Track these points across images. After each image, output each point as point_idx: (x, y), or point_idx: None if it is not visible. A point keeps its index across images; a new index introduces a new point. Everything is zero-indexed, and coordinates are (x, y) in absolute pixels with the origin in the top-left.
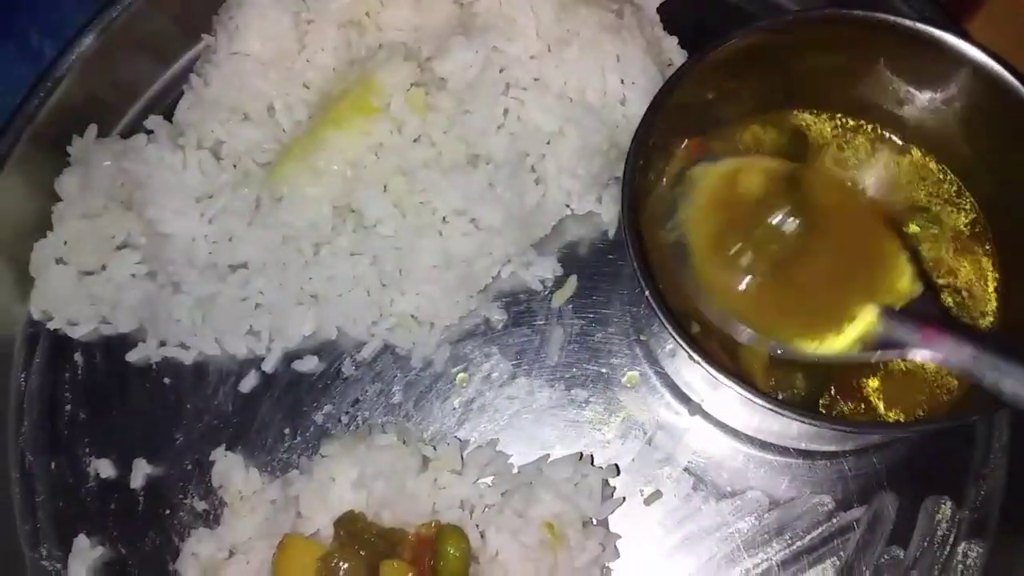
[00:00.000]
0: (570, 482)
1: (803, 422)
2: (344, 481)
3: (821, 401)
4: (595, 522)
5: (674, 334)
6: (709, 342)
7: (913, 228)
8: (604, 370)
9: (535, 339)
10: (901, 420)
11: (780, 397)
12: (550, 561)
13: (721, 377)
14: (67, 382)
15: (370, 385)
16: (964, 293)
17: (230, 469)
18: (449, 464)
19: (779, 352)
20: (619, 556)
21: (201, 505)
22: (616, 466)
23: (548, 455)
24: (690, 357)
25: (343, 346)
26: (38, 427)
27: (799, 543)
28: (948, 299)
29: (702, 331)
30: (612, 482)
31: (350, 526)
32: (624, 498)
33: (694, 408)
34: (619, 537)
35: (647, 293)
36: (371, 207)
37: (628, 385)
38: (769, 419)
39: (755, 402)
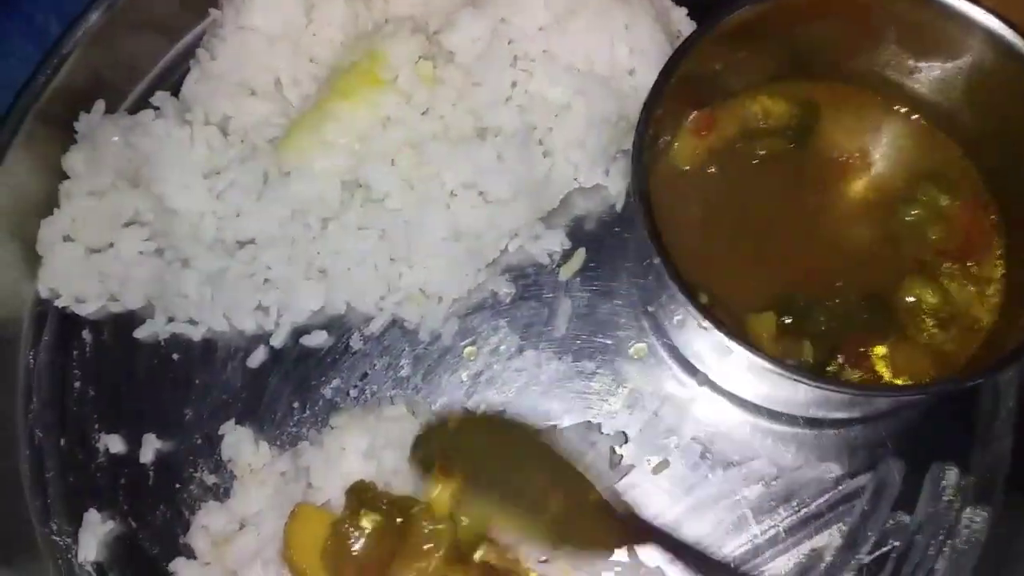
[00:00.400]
0: (579, 450)
1: (812, 385)
2: (354, 452)
3: (828, 369)
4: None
5: (685, 300)
6: (717, 312)
7: (920, 198)
8: (611, 342)
9: (543, 312)
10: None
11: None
12: None
13: (732, 343)
14: (76, 359)
15: (378, 359)
16: (971, 262)
17: (240, 442)
18: None
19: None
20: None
21: (211, 479)
22: (624, 434)
23: (556, 426)
24: (699, 324)
25: (351, 320)
26: (47, 404)
27: (806, 510)
28: (955, 268)
29: (710, 301)
30: (620, 451)
31: (361, 495)
32: (632, 466)
33: (701, 379)
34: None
35: (657, 261)
36: (379, 180)
37: (635, 357)
38: (777, 386)
39: (765, 367)
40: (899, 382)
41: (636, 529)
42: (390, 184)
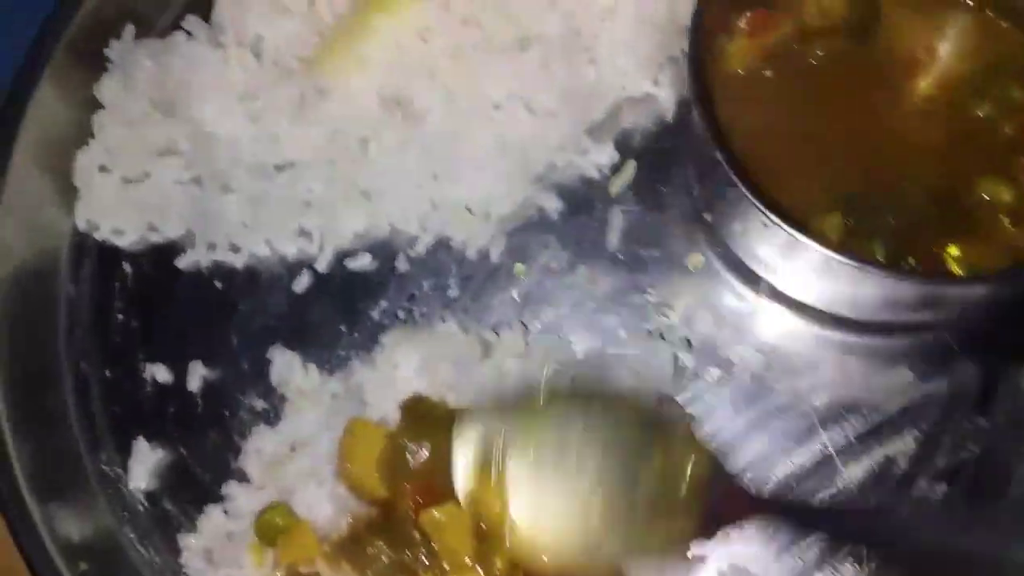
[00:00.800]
0: (641, 359)
1: (885, 276)
2: (407, 367)
3: None
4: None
5: (748, 203)
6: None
7: (991, 92)
8: (666, 254)
9: (593, 226)
10: None
11: None
12: None
13: (801, 237)
14: (117, 291)
15: (425, 280)
16: None
17: (289, 366)
18: (513, 349)
19: None
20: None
21: (260, 404)
22: (688, 340)
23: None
24: (764, 223)
25: (396, 242)
26: (90, 336)
27: (877, 416)
28: None
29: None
30: (683, 359)
31: (416, 408)
32: (697, 374)
33: (762, 288)
34: (692, 417)
35: (719, 158)
36: (419, 96)
37: (692, 269)
38: (846, 286)
39: (835, 261)
40: None
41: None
42: (430, 99)
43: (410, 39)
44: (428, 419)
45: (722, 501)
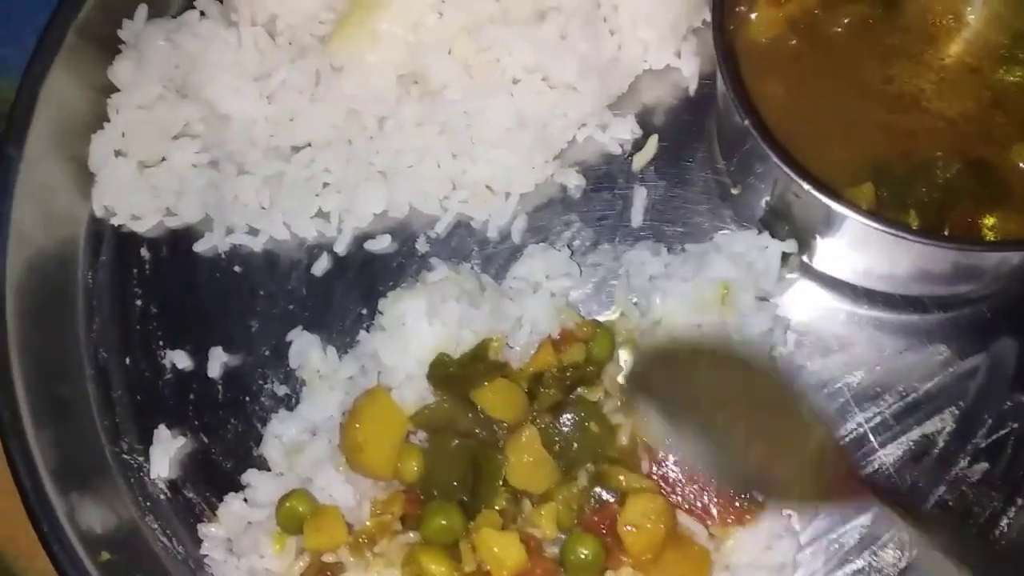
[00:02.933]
0: (745, 256)
1: (921, 242)
2: (415, 318)
3: None
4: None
5: (779, 173)
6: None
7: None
8: (691, 231)
9: (617, 204)
10: None
11: None
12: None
13: (835, 204)
14: (135, 277)
15: (446, 260)
16: None
17: (307, 348)
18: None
19: None
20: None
21: (282, 389)
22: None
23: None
24: (795, 194)
25: (415, 223)
26: (110, 323)
27: (914, 395)
28: None
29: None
30: None
31: (441, 371)
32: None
33: (792, 264)
34: (789, 322)
35: (748, 124)
36: (436, 71)
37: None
38: (879, 259)
39: (870, 228)
40: None
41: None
42: (448, 74)
43: (425, 14)
44: (456, 379)
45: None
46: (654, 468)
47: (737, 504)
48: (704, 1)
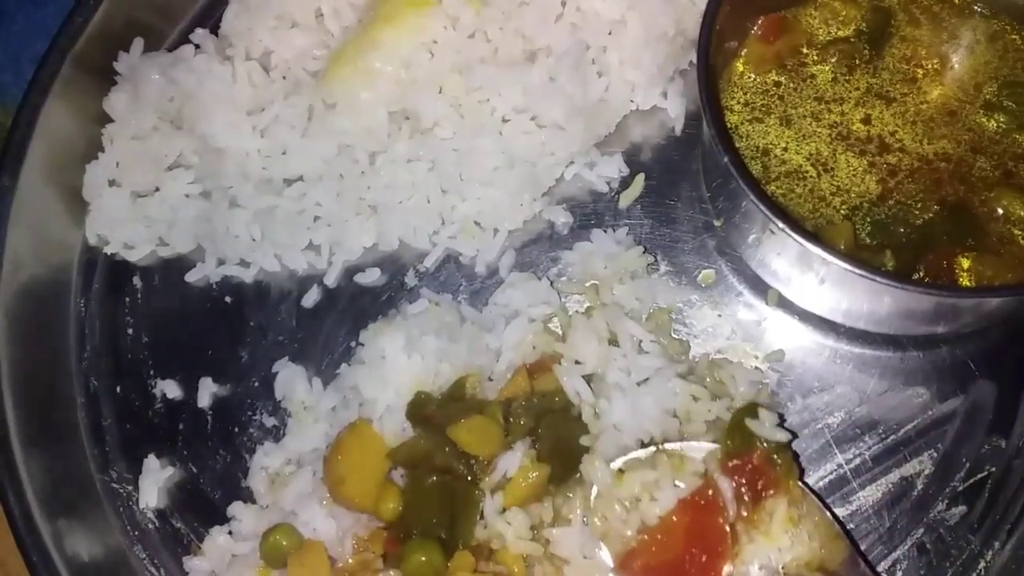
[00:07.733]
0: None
1: (896, 287)
2: (394, 351)
3: None
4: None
5: (760, 212)
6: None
7: (1005, 104)
8: (677, 269)
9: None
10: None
11: None
12: None
13: (813, 247)
14: (127, 306)
15: (435, 295)
16: None
17: (293, 379)
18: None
19: None
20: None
21: (270, 421)
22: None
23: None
24: (774, 231)
25: (405, 257)
26: (101, 352)
27: (893, 436)
28: None
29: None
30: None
31: (420, 411)
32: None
33: (773, 299)
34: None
35: (725, 162)
36: (427, 109)
37: (703, 284)
38: (858, 299)
39: (847, 271)
40: None
41: None
42: (438, 112)
43: (418, 53)
44: (436, 417)
45: None
46: None
47: None
48: (691, 43)
